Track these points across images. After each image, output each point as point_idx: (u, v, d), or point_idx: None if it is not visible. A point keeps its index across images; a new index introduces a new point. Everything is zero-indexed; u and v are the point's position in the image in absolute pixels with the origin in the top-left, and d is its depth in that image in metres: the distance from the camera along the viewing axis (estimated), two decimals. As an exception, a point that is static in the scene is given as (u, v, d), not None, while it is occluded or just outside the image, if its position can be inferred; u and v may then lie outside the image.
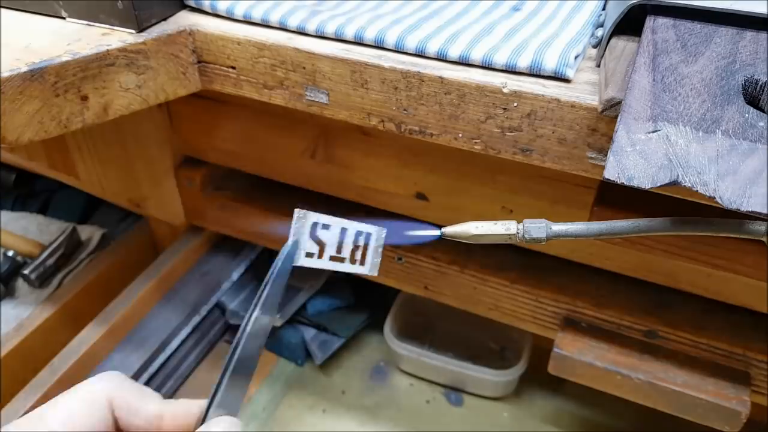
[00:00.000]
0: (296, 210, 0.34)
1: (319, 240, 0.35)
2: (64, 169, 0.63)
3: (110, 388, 0.29)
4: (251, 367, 0.32)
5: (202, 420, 0.30)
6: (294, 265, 0.34)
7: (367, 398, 0.82)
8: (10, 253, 0.83)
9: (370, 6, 0.48)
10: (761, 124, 0.30)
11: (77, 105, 0.45)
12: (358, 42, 0.45)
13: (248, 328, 0.31)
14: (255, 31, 0.47)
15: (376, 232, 0.37)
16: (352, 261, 0.35)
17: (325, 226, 0.35)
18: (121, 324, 0.73)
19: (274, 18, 0.47)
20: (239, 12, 0.48)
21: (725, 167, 0.29)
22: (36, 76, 0.42)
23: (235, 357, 0.30)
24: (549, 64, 0.40)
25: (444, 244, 0.64)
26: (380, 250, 0.36)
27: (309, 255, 0.34)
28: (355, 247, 0.35)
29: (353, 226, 0.36)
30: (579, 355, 0.58)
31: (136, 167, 0.72)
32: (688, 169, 0.29)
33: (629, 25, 0.39)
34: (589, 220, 0.41)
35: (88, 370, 0.70)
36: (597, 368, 0.58)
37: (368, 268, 0.36)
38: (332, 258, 0.35)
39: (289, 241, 0.33)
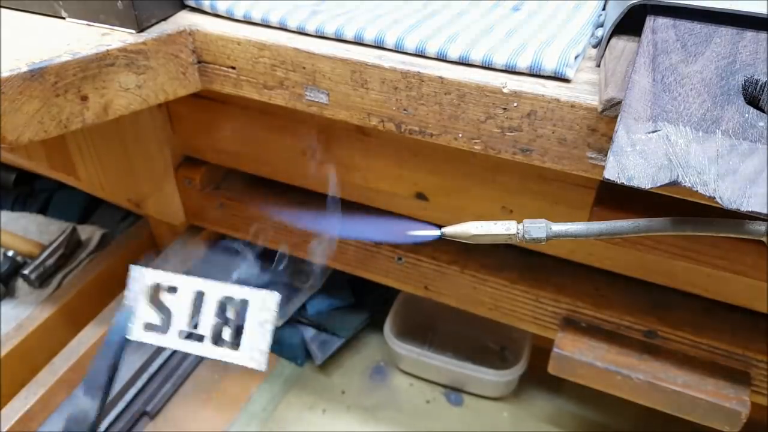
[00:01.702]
0: (131, 267, 0.26)
1: (164, 307, 0.26)
2: (63, 169, 0.63)
3: None
4: None
5: None
6: (128, 337, 0.27)
7: (366, 398, 0.82)
8: (10, 253, 0.83)
9: (370, 6, 0.48)
10: (761, 124, 0.30)
11: (77, 105, 0.45)
12: (358, 42, 0.45)
13: (72, 410, 0.25)
14: (255, 31, 0.47)
15: (260, 300, 0.25)
16: (216, 341, 0.25)
17: (172, 289, 0.26)
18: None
19: (274, 18, 0.47)
20: (239, 12, 0.48)
21: (725, 167, 0.29)
22: (36, 76, 0.42)
23: None
24: (549, 64, 0.40)
25: (444, 244, 0.64)
26: (269, 327, 0.24)
27: (149, 327, 0.27)
28: (225, 321, 0.25)
29: (217, 289, 0.25)
30: (579, 355, 0.58)
31: (135, 167, 0.72)
32: (688, 169, 0.29)
33: (629, 25, 0.39)
34: (589, 220, 0.41)
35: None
36: (597, 368, 0.58)
37: (246, 357, 0.24)
38: (183, 332, 0.25)
39: (123, 308, 0.26)
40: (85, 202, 0.93)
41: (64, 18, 0.48)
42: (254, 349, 0.24)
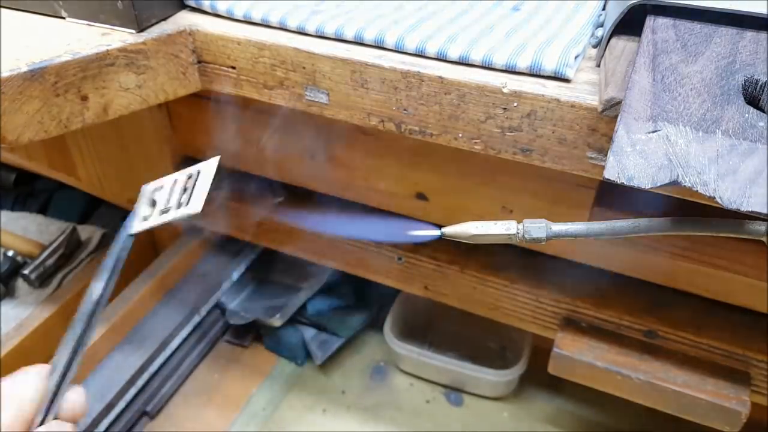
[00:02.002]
0: (143, 186, 0.35)
1: (154, 201, 0.34)
2: (64, 169, 0.63)
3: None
4: (77, 330, 0.34)
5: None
6: (130, 233, 0.34)
7: (367, 398, 0.82)
8: (10, 253, 0.83)
9: (370, 6, 0.48)
10: (761, 124, 0.30)
11: (77, 105, 0.45)
12: (358, 42, 0.45)
13: (85, 295, 0.33)
14: (255, 31, 0.47)
15: (204, 167, 0.34)
16: (178, 205, 0.34)
17: (159, 188, 0.34)
18: (121, 324, 0.73)
19: (274, 18, 0.47)
20: (239, 12, 0.48)
21: (725, 167, 0.29)
22: (36, 75, 0.42)
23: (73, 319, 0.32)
24: (549, 64, 0.40)
25: (444, 244, 0.64)
26: (207, 184, 0.33)
27: (144, 219, 0.34)
28: (183, 191, 0.34)
29: (183, 173, 0.34)
30: (579, 355, 0.58)
31: (136, 167, 0.72)
32: (688, 169, 0.29)
33: (629, 25, 0.39)
34: (589, 220, 0.41)
35: (88, 369, 0.70)
36: (597, 368, 0.58)
37: (191, 207, 0.33)
38: (162, 212, 0.34)
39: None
40: (85, 202, 0.93)
41: (64, 18, 0.48)
42: (194, 200, 0.33)
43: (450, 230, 0.34)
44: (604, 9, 0.46)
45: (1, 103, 0.41)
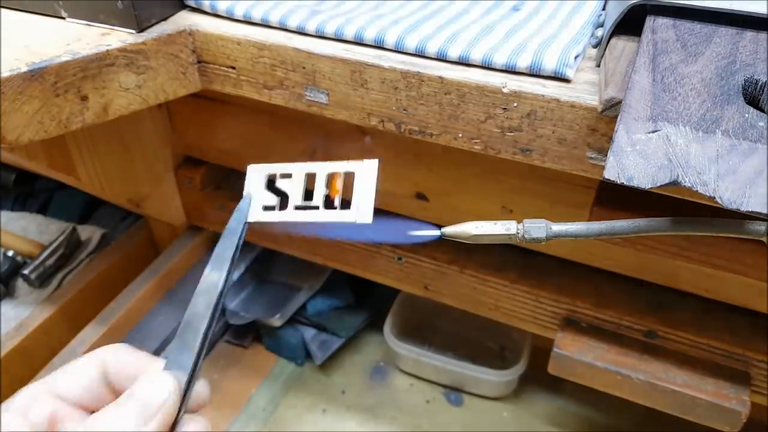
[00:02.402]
0: (249, 166, 0.30)
1: (280, 191, 0.30)
2: (63, 169, 0.63)
3: (105, 359, 0.30)
4: (201, 326, 0.28)
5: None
6: (248, 221, 0.30)
7: (366, 398, 0.82)
8: (10, 253, 0.83)
9: (370, 6, 0.48)
10: (761, 124, 0.30)
11: (77, 105, 0.45)
12: (358, 42, 0.45)
13: (199, 286, 0.29)
14: (255, 31, 0.47)
15: (365, 167, 0.29)
16: (329, 206, 0.29)
17: (285, 176, 0.30)
18: (121, 324, 0.73)
19: (274, 18, 0.47)
20: (239, 12, 0.48)
21: (725, 167, 0.29)
22: (36, 76, 0.42)
23: (185, 314, 0.28)
24: (549, 64, 0.40)
25: (444, 244, 0.64)
26: (371, 188, 0.28)
27: (268, 208, 0.30)
28: (333, 190, 0.29)
29: (324, 167, 0.29)
30: (579, 355, 0.58)
31: (136, 167, 0.72)
32: (688, 169, 0.29)
33: (629, 25, 0.39)
34: (588, 220, 0.41)
35: (88, 370, 0.70)
36: (597, 368, 0.58)
37: (357, 214, 0.28)
38: (299, 207, 0.29)
39: (243, 198, 0.30)
40: (85, 202, 0.93)
41: (64, 18, 0.48)
42: (363, 208, 0.28)
43: (450, 230, 0.34)
44: (604, 9, 0.46)
45: (1, 103, 0.41)
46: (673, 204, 0.36)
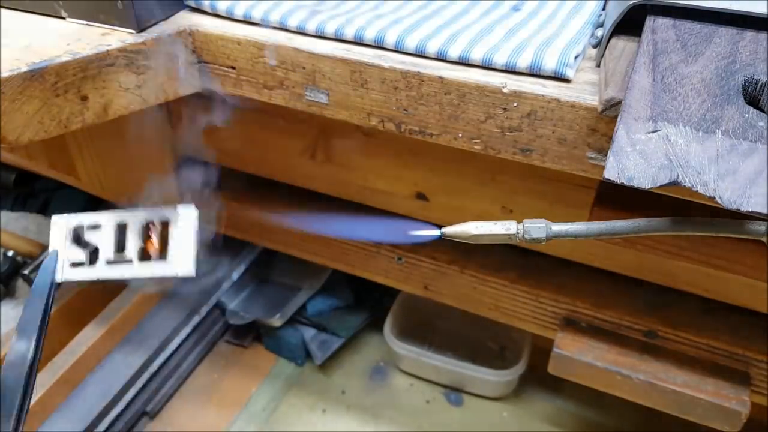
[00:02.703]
0: (53, 217, 0.28)
1: (90, 244, 0.28)
2: (64, 169, 0.63)
3: None
4: (15, 401, 0.26)
5: None
6: (57, 281, 0.28)
7: (367, 398, 0.82)
8: (10, 253, 0.83)
9: (370, 6, 0.48)
10: (761, 124, 0.30)
11: (77, 105, 0.45)
12: (358, 42, 0.45)
13: (8, 356, 0.26)
14: (255, 31, 0.47)
15: (182, 215, 0.26)
16: (144, 258, 0.27)
17: (94, 227, 0.27)
18: (121, 324, 0.73)
19: (274, 18, 0.47)
20: (239, 12, 0.48)
21: (725, 167, 0.28)
22: (36, 76, 0.42)
23: None
24: (549, 64, 0.40)
25: (444, 244, 0.64)
26: (192, 237, 0.26)
27: (76, 264, 0.28)
28: (148, 243, 0.27)
29: (139, 216, 0.27)
30: (579, 355, 0.58)
31: (136, 167, 0.72)
32: (688, 169, 0.29)
33: (629, 25, 0.39)
34: (588, 220, 0.41)
35: (88, 369, 0.70)
36: (597, 368, 0.58)
37: (175, 266, 0.26)
38: (111, 262, 0.27)
39: (48, 254, 0.27)
40: (85, 202, 0.93)
41: (64, 18, 0.48)
42: (180, 257, 0.26)
43: (450, 230, 0.33)
44: (604, 9, 0.46)
45: (1, 103, 0.41)
46: (673, 204, 0.36)
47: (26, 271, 0.80)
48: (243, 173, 0.74)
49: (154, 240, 0.27)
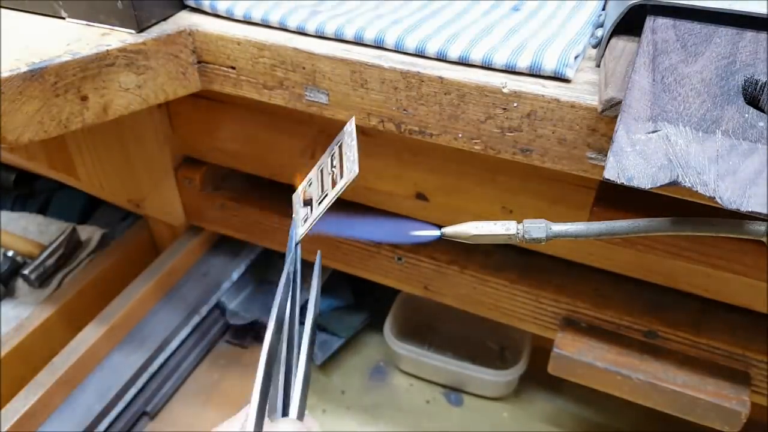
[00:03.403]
0: (293, 196, 0.34)
1: (308, 200, 0.33)
2: (63, 169, 0.63)
3: None
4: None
5: None
6: (297, 241, 0.33)
7: (366, 398, 0.81)
8: (10, 253, 0.83)
9: (370, 6, 0.48)
10: (761, 124, 0.30)
11: (77, 105, 0.45)
12: (358, 42, 0.45)
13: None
14: (255, 31, 0.47)
15: (341, 135, 0.31)
16: (333, 184, 0.31)
17: (308, 185, 0.33)
18: (121, 324, 0.73)
19: (273, 18, 0.47)
20: (239, 12, 0.48)
21: (725, 167, 0.28)
22: (36, 76, 0.42)
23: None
24: (549, 64, 0.40)
25: (444, 244, 0.64)
26: (353, 145, 0.30)
27: (304, 220, 0.33)
28: (332, 168, 0.31)
29: (325, 155, 0.31)
30: (579, 355, 0.58)
31: (135, 167, 0.72)
32: (688, 170, 0.29)
33: (629, 25, 0.39)
34: (588, 220, 0.41)
35: (88, 370, 0.70)
36: (597, 368, 0.58)
37: (346, 175, 0.30)
38: (320, 201, 0.32)
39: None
40: (85, 202, 0.93)
41: (63, 18, 0.48)
42: (349, 167, 0.30)
43: (450, 230, 0.33)
44: (603, 9, 0.46)
45: (1, 103, 0.41)
46: (673, 204, 0.36)
47: (26, 271, 0.80)
48: (243, 173, 0.74)
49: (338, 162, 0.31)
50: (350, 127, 0.30)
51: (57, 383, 0.65)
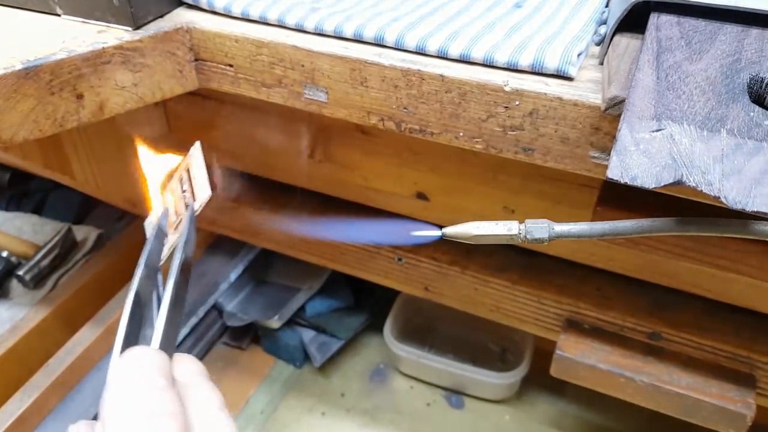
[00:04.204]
0: (144, 224, 0.34)
1: (162, 231, 0.33)
2: (59, 169, 0.62)
3: None
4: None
5: None
6: (157, 266, 0.32)
7: (366, 401, 0.81)
8: (5, 254, 0.82)
9: (370, 3, 0.48)
10: (767, 122, 0.30)
11: (72, 103, 0.44)
12: (358, 40, 0.44)
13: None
14: (253, 28, 0.46)
15: (188, 160, 0.31)
16: (186, 207, 0.31)
17: (163, 215, 0.33)
18: (117, 325, 0.73)
19: (272, 15, 0.46)
20: (237, 9, 0.47)
21: (730, 166, 0.28)
22: (31, 74, 0.41)
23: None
24: (551, 62, 0.39)
25: (444, 244, 0.63)
26: (201, 169, 0.30)
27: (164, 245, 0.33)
28: (184, 193, 0.31)
29: (174, 181, 0.32)
30: (581, 357, 0.58)
31: (131, 167, 0.71)
32: (693, 169, 0.28)
33: (633, 22, 0.38)
34: (591, 220, 0.41)
35: (84, 371, 0.69)
36: (600, 371, 0.57)
37: (199, 197, 0.30)
38: (176, 226, 0.32)
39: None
40: (80, 202, 0.93)
41: (59, 15, 0.47)
42: (200, 190, 0.31)
43: (451, 231, 0.33)
44: (607, 6, 0.45)
45: (-5, 101, 0.40)
46: (677, 204, 0.35)
47: (21, 272, 0.79)
48: (242, 173, 0.73)
49: (188, 188, 0.31)
50: (196, 152, 0.30)
51: (53, 385, 0.65)
